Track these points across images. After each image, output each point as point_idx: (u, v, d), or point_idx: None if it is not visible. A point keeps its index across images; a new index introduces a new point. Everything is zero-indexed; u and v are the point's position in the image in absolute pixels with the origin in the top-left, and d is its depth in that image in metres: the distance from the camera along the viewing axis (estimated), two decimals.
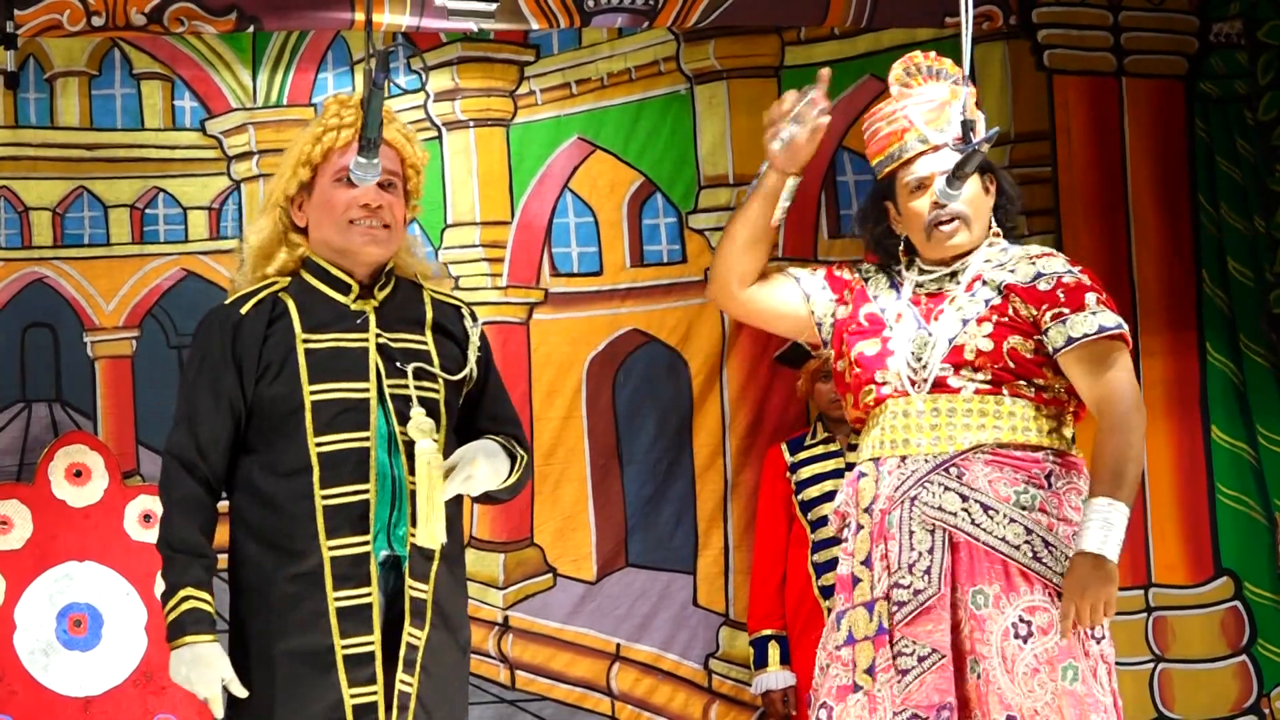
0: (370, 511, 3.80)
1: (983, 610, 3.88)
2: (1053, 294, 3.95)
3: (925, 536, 3.92)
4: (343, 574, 3.78)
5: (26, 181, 5.75)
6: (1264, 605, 6.10)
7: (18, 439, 5.67)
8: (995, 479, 3.92)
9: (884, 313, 4.07)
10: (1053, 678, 3.84)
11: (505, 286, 6.02)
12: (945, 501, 3.92)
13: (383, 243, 3.91)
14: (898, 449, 3.98)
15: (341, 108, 3.94)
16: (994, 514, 3.90)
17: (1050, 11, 6.23)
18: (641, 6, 5.99)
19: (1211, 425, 6.17)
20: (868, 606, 3.96)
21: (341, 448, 3.80)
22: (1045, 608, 3.87)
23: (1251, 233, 6.18)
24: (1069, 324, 3.92)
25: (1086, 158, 6.23)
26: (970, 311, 3.97)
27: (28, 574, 5.58)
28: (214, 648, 3.77)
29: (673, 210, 6.11)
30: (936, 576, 3.88)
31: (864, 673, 3.93)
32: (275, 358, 3.83)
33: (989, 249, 4.07)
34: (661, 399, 6.05)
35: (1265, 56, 6.14)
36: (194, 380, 3.89)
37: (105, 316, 5.77)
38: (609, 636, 5.96)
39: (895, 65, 4.18)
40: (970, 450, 3.93)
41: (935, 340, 3.97)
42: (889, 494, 3.97)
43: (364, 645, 3.78)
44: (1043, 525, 3.90)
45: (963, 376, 3.95)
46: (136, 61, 5.82)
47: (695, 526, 6.03)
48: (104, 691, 5.60)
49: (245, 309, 3.88)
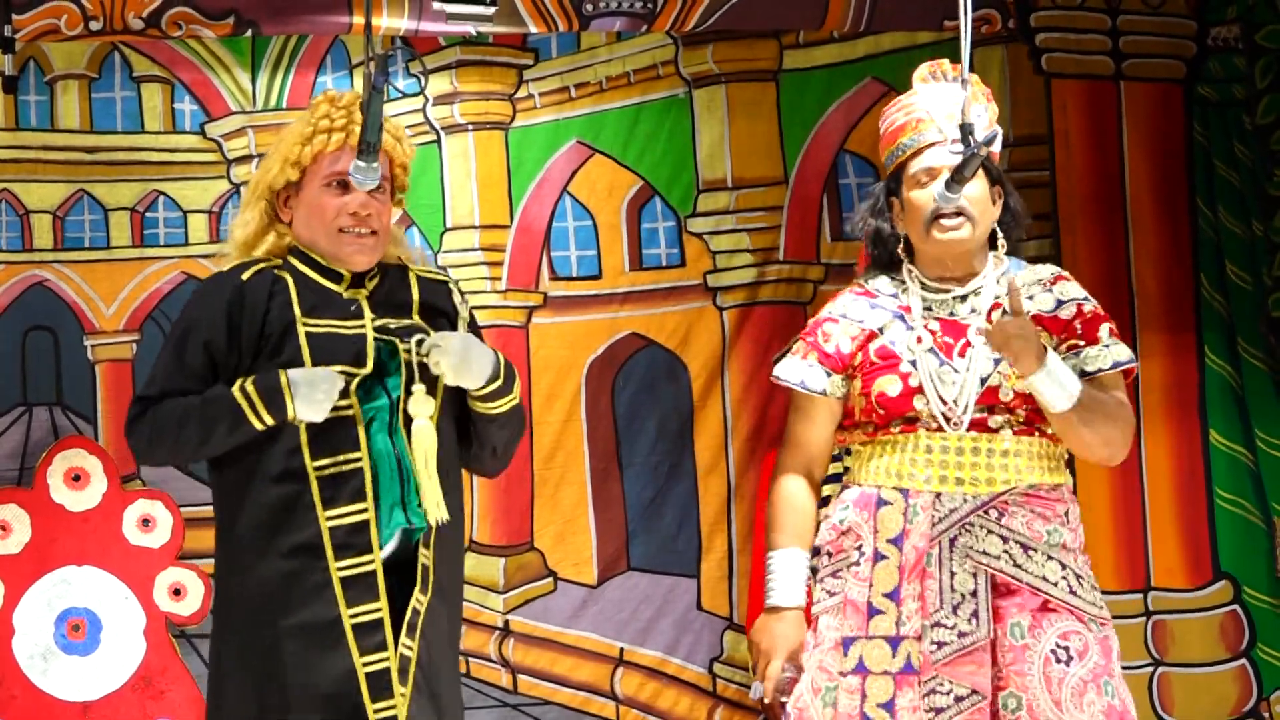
0: (365, 480, 3.81)
1: (1021, 640, 3.88)
2: (1070, 324, 3.97)
3: (967, 578, 3.90)
4: (342, 543, 3.79)
5: (27, 184, 5.74)
6: (1263, 609, 6.11)
7: (19, 443, 5.67)
8: (1030, 519, 3.93)
9: (895, 345, 4.02)
10: (1100, 697, 3.87)
11: (504, 290, 6.01)
12: (989, 545, 3.91)
13: (371, 250, 3.94)
14: (932, 484, 3.95)
15: (332, 108, 3.95)
16: (1033, 554, 3.91)
17: (1048, 15, 6.23)
18: (640, 10, 5.99)
19: (1210, 429, 6.18)
20: (891, 642, 3.92)
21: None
22: (1078, 631, 3.89)
23: (1250, 237, 6.18)
24: (1083, 357, 3.95)
25: (1085, 162, 6.23)
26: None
27: (26, 578, 5.57)
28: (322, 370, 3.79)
29: (671, 214, 6.11)
30: (985, 620, 3.87)
31: (878, 707, 3.89)
32: (275, 330, 3.83)
33: (997, 270, 4.05)
34: (661, 402, 6.05)
35: (1263, 60, 6.15)
36: (182, 337, 3.88)
37: (106, 320, 5.76)
38: (612, 641, 5.96)
39: (922, 66, 4.15)
40: (1006, 492, 3.93)
41: (966, 379, 3.95)
42: (925, 532, 3.93)
43: (372, 613, 3.80)
44: (1072, 559, 3.94)
45: (999, 417, 3.94)
46: (136, 65, 5.81)
47: (698, 530, 6.03)
48: (102, 696, 5.58)
49: (246, 276, 3.88)
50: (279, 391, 3.77)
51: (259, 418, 3.78)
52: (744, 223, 6.10)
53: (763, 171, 6.12)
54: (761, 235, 6.10)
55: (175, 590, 5.62)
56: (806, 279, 6.11)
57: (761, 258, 6.10)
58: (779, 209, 6.12)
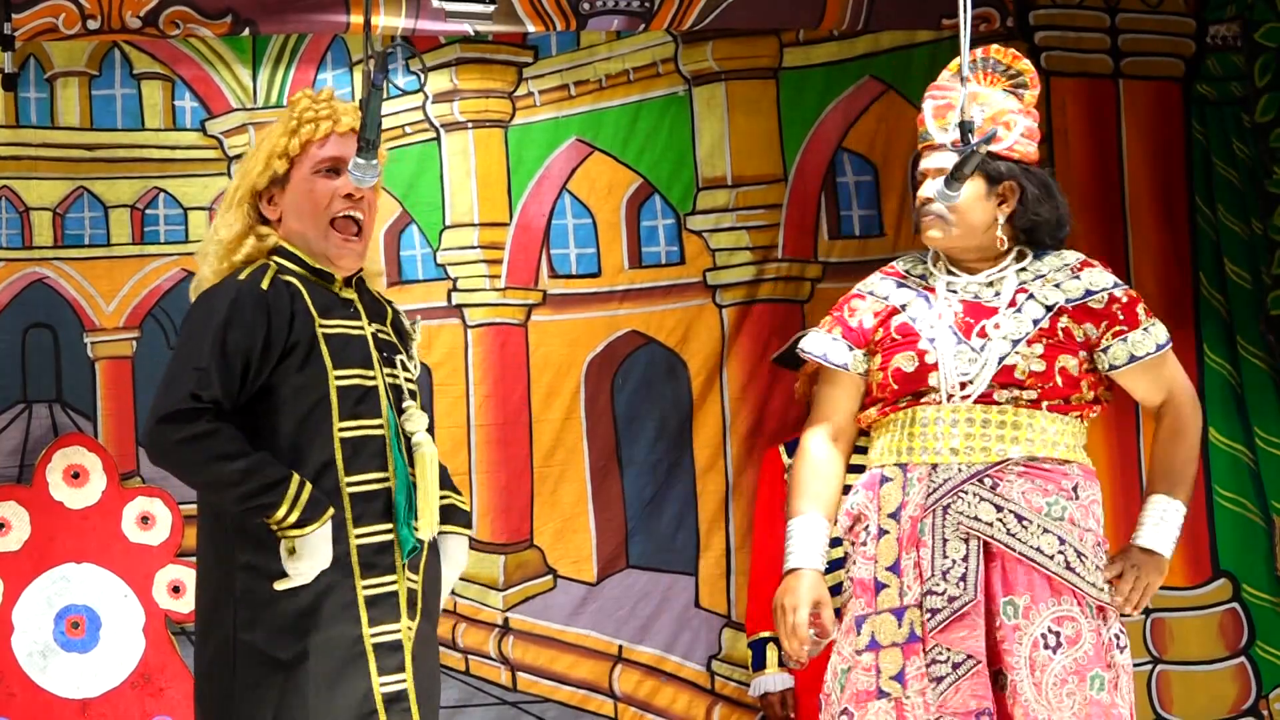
0: (392, 499, 3.80)
1: (1013, 620, 3.90)
2: (1110, 311, 4.01)
3: (959, 545, 3.93)
4: (368, 562, 3.77)
5: (27, 181, 5.74)
6: (1262, 607, 6.11)
7: (18, 440, 5.66)
8: (1028, 490, 3.94)
9: (915, 322, 4.05)
10: (1081, 688, 3.87)
11: (504, 288, 6.01)
12: (981, 511, 3.93)
13: (358, 257, 3.94)
14: (929, 456, 3.98)
15: (314, 102, 3.95)
16: (1028, 524, 3.93)
17: (1047, 14, 6.23)
18: (637, 8, 5.99)
19: (1209, 427, 6.17)
20: (896, 613, 3.96)
21: (362, 434, 3.80)
22: (1074, 618, 3.91)
23: (1249, 235, 6.19)
24: (1130, 343, 3.99)
25: (1083, 160, 6.23)
26: (1019, 331, 3.98)
27: (26, 576, 5.57)
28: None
29: (671, 212, 6.11)
30: (972, 584, 3.89)
31: (891, 679, 3.93)
32: (302, 338, 3.78)
33: (1019, 260, 4.06)
34: (661, 400, 6.05)
35: (1262, 58, 6.16)
36: (217, 335, 3.72)
37: (105, 317, 5.76)
38: (611, 638, 5.96)
39: (979, 51, 4.13)
40: (1003, 463, 3.95)
41: (985, 359, 3.97)
42: (920, 501, 3.97)
43: (392, 633, 3.79)
44: (1074, 536, 3.94)
45: (1006, 392, 3.96)
46: (137, 62, 5.81)
47: (697, 528, 6.03)
48: (102, 693, 5.58)
49: (265, 284, 3.81)
50: (322, 510, 3.68)
51: (277, 519, 3.67)
52: (744, 220, 6.10)
53: (762, 169, 6.13)
54: (761, 233, 6.11)
55: (174, 588, 5.62)
56: (804, 277, 6.11)
57: (761, 255, 6.10)
58: (779, 207, 6.12)
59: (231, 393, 3.72)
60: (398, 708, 3.77)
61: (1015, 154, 4.06)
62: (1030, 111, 4.13)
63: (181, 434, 3.69)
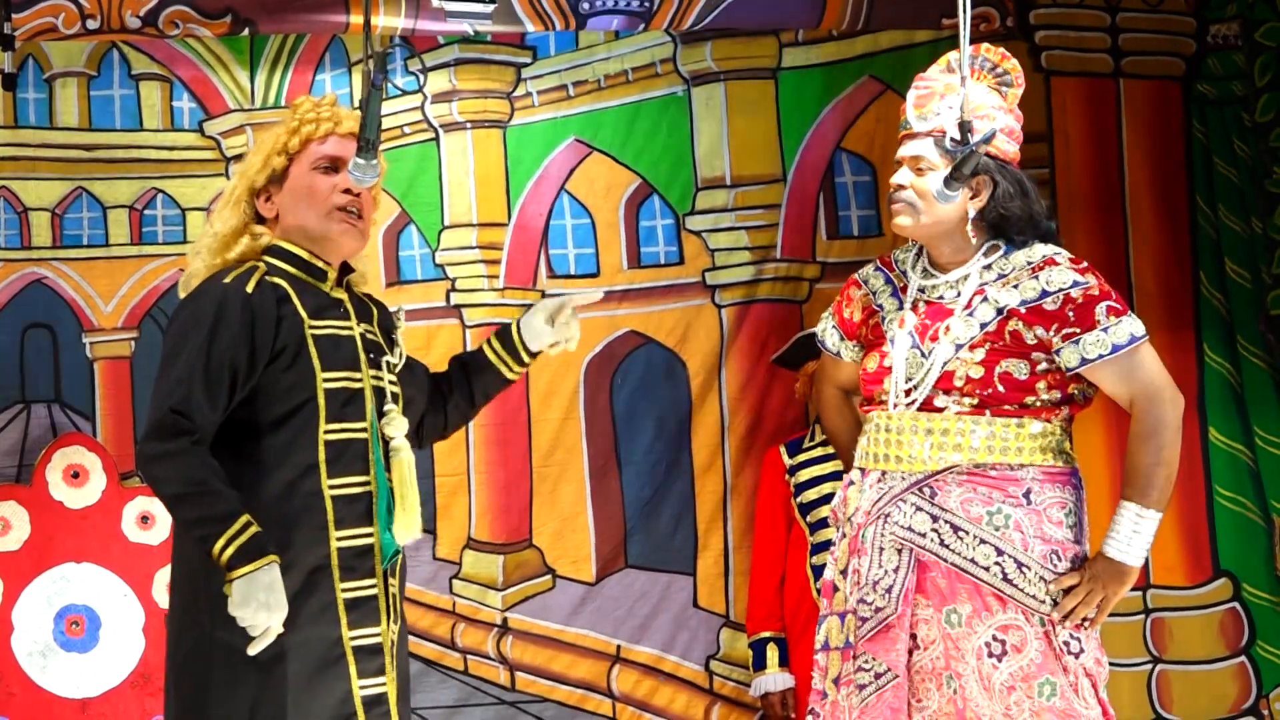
0: (373, 504, 3.81)
1: (957, 630, 3.90)
2: (1062, 313, 3.94)
3: (894, 555, 3.94)
4: (348, 565, 3.78)
5: (25, 182, 5.74)
6: (1262, 606, 6.11)
7: (18, 440, 5.67)
8: (968, 499, 3.93)
9: (885, 323, 4.08)
10: (1029, 694, 3.85)
11: (502, 288, 6.01)
12: (915, 522, 3.93)
13: (359, 237, 3.95)
14: (879, 463, 4.01)
15: (316, 105, 3.98)
16: (964, 535, 3.91)
17: (1047, 13, 6.23)
18: (636, 9, 5.99)
19: (1209, 427, 6.18)
20: (841, 616, 4.00)
21: (345, 438, 3.81)
22: (1018, 625, 3.89)
23: (1249, 234, 6.18)
24: (1082, 345, 3.93)
25: (1084, 159, 6.23)
26: (964, 336, 3.97)
27: (25, 575, 5.58)
28: (277, 570, 3.66)
29: (670, 212, 6.11)
30: (896, 597, 3.90)
31: (830, 682, 3.97)
32: (290, 341, 3.79)
33: (986, 256, 4.06)
34: (659, 400, 6.05)
35: (1263, 58, 6.15)
36: (201, 344, 3.73)
37: (104, 317, 5.77)
38: (609, 638, 5.96)
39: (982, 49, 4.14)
40: (945, 470, 3.93)
41: (930, 364, 3.97)
42: (866, 509, 4.00)
43: (372, 637, 3.79)
44: (1016, 545, 3.90)
45: (949, 399, 3.95)
46: (135, 62, 5.81)
47: (695, 528, 6.03)
48: (102, 693, 5.59)
49: (250, 287, 3.81)
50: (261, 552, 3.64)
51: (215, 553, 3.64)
52: (742, 220, 6.10)
53: (761, 169, 6.12)
54: (760, 233, 6.10)
55: None
56: (803, 278, 6.11)
57: (760, 255, 6.10)
58: (777, 207, 6.12)
59: (217, 404, 3.73)
60: (377, 711, 3.78)
61: (993, 150, 4.04)
62: (1013, 110, 4.12)
63: (154, 450, 3.69)
